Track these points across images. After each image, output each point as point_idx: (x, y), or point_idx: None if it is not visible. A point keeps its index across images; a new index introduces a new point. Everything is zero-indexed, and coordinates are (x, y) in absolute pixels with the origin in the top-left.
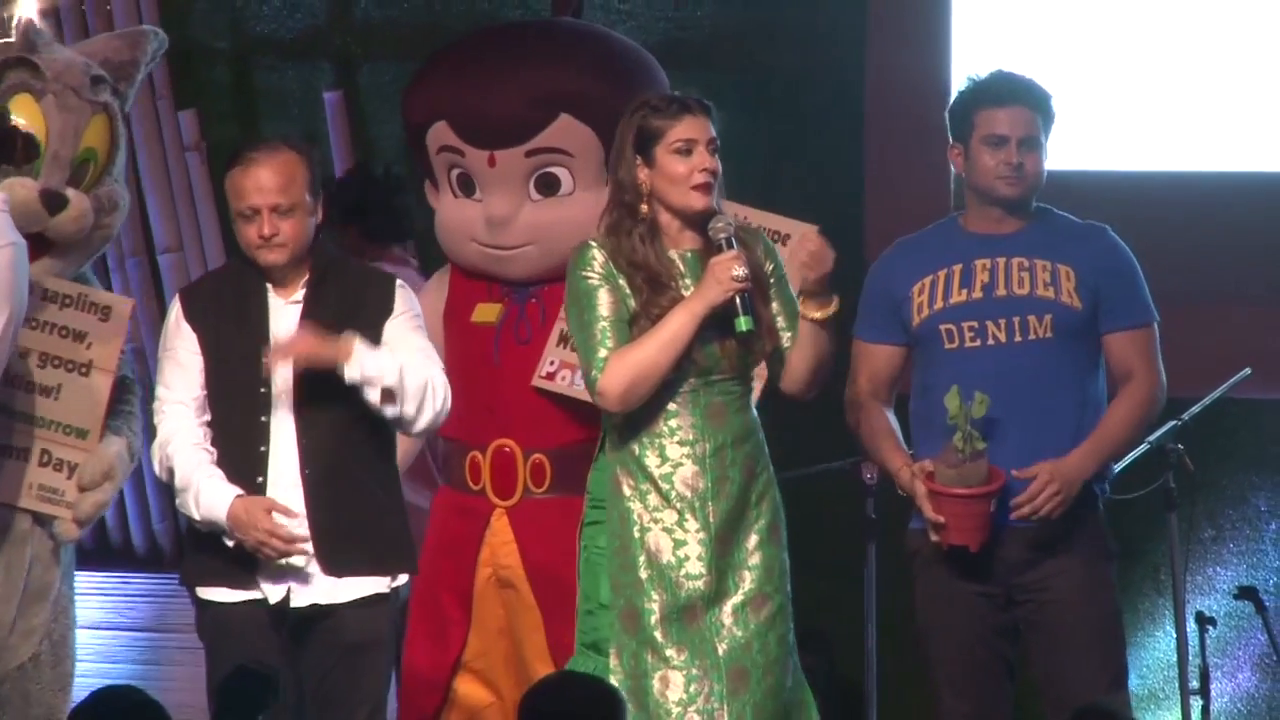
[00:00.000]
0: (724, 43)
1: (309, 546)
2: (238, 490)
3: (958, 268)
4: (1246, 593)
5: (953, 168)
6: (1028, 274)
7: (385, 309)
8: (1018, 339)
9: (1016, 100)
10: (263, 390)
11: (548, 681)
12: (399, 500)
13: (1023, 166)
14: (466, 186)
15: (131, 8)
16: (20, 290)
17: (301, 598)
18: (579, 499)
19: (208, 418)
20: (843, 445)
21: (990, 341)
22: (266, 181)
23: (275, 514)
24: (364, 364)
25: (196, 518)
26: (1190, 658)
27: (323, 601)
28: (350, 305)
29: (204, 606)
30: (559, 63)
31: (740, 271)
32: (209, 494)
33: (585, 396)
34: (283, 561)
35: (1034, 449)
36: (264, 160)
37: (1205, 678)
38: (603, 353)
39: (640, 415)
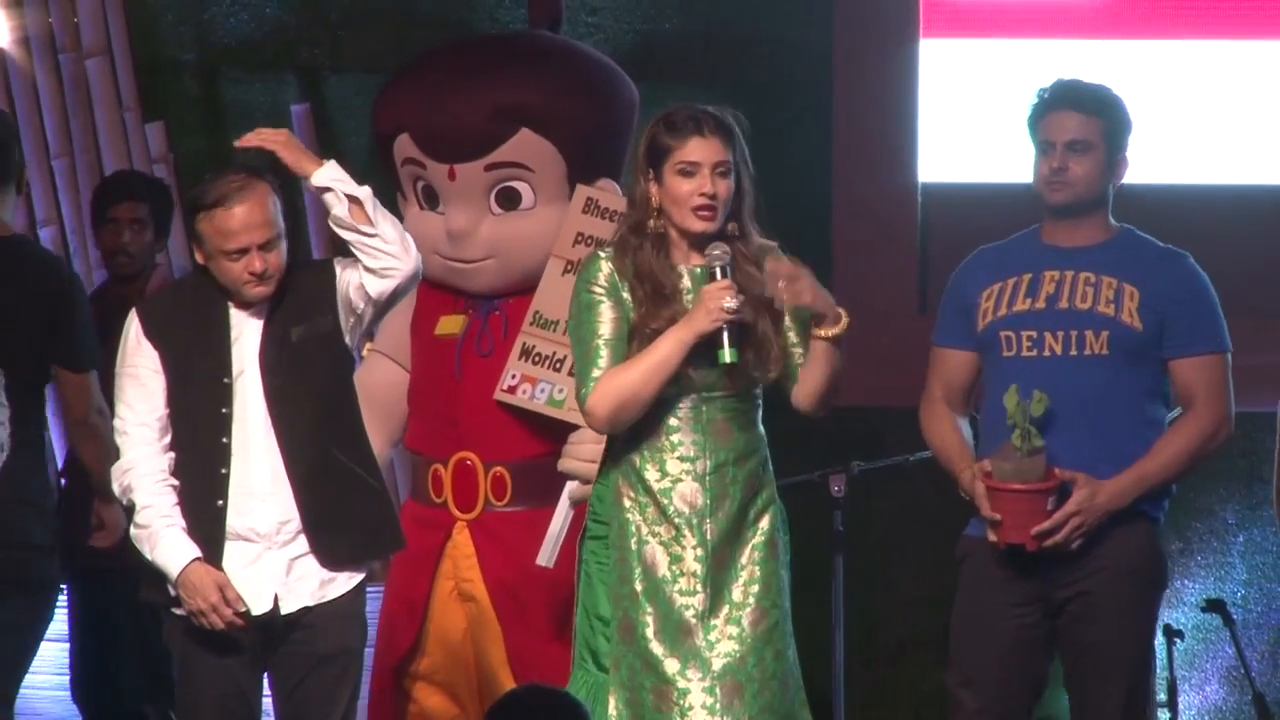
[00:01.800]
0: (691, 56)
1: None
2: (196, 552)
3: (1026, 277)
4: (1214, 605)
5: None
6: (1092, 289)
7: (330, 283)
8: (1073, 353)
9: (1064, 105)
10: (224, 411)
11: (513, 696)
12: (380, 477)
13: (1066, 170)
14: (430, 198)
15: (99, 21)
16: None
17: (290, 604)
18: (540, 512)
19: (169, 438)
20: (811, 458)
21: (1047, 353)
22: (251, 219)
23: (226, 593)
24: (333, 173)
25: (147, 558)
26: (1158, 670)
27: (311, 604)
28: (305, 301)
29: (174, 618)
30: (519, 77)
31: (731, 303)
32: (167, 546)
33: (544, 411)
34: (256, 577)
35: (1082, 464)
36: (242, 198)
37: (1173, 690)
38: (595, 372)
39: (643, 429)
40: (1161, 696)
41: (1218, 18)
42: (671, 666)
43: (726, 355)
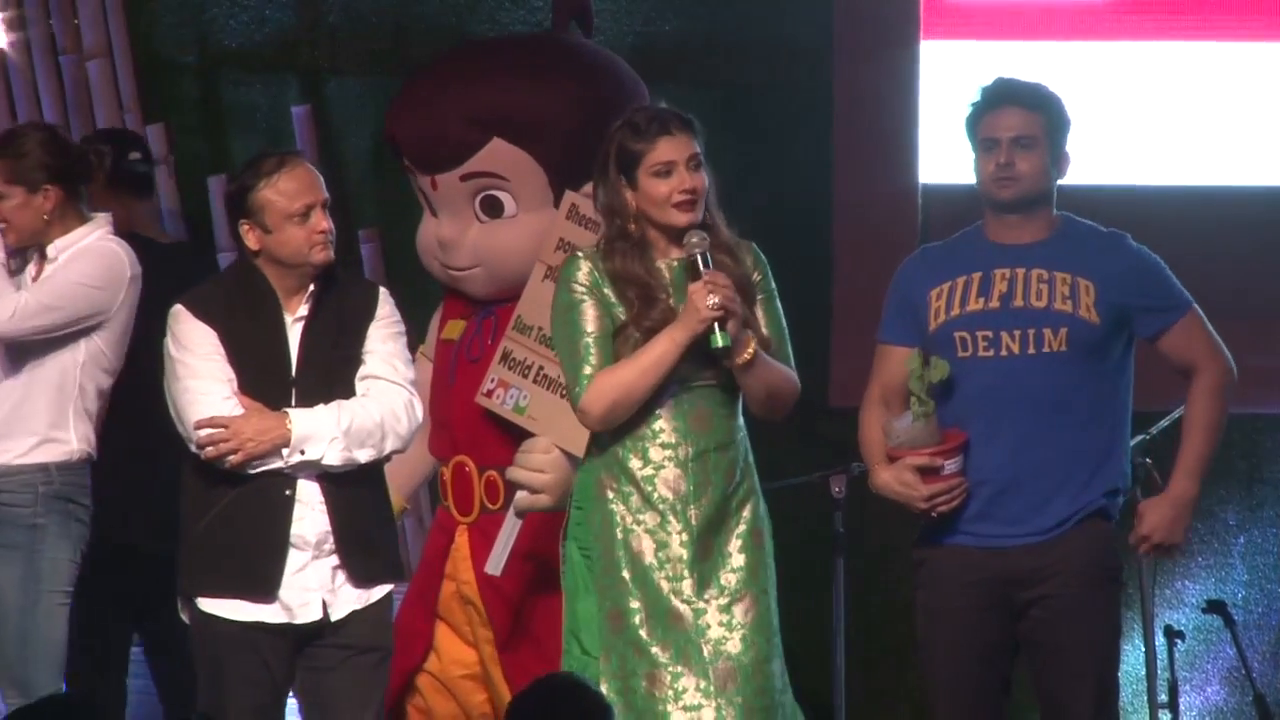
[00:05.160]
0: (690, 57)
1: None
2: None
3: (977, 276)
4: (1215, 606)
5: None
6: (1047, 286)
7: (369, 314)
8: (1031, 351)
9: (1008, 102)
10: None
11: (538, 688)
12: (390, 505)
13: (1013, 166)
14: (432, 205)
15: (99, 23)
16: None
17: (339, 610)
18: (533, 515)
19: None
20: (811, 459)
21: (1004, 352)
22: (312, 178)
23: None
24: (300, 431)
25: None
26: (1159, 671)
27: (359, 607)
28: (342, 316)
29: (206, 621)
30: (491, 86)
31: (714, 300)
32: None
33: (509, 416)
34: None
35: (1044, 462)
36: (297, 162)
37: (1174, 691)
38: (587, 370)
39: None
40: (1163, 698)
41: (1219, 20)
42: (663, 653)
43: (717, 339)
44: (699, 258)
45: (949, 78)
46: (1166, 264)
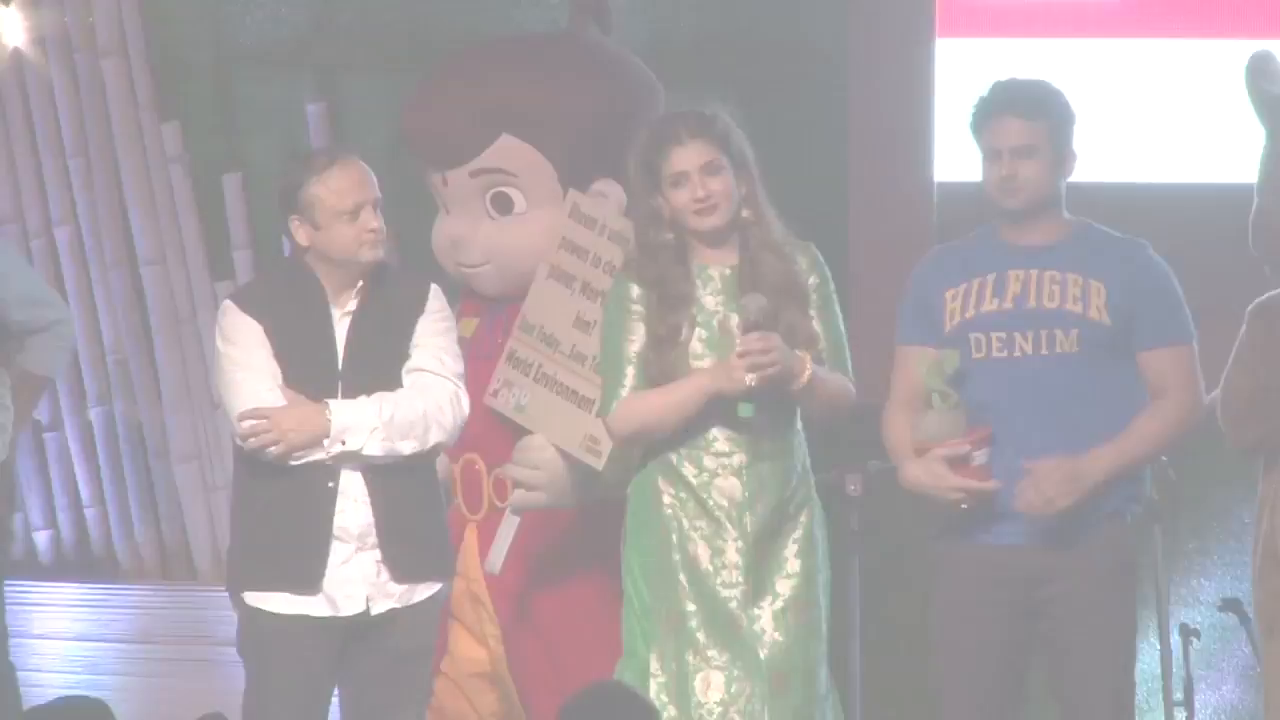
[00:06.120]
0: (706, 55)
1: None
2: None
3: (991, 277)
4: (1230, 605)
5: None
6: (1059, 287)
7: (418, 308)
8: (1044, 351)
9: (1005, 111)
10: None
11: (587, 695)
12: (442, 501)
13: (1015, 177)
14: (444, 202)
15: (115, 21)
16: None
17: (381, 604)
18: (540, 513)
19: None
20: (830, 457)
21: (1017, 353)
22: (364, 175)
23: None
24: (340, 422)
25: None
26: (1174, 669)
27: (399, 605)
28: (390, 310)
29: (252, 617)
30: (498, 82)
31: (751, 379)
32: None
33: (513, 416)
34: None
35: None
36: (350, 158)
37: (1189, 689)
38: (621, 391)
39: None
40: (1178, 695)
41: (1237, 17)
42: (720, 657)
43: (742, 409)
44: (751, 323)
45: (964, 76)
46: (1193, 261)
